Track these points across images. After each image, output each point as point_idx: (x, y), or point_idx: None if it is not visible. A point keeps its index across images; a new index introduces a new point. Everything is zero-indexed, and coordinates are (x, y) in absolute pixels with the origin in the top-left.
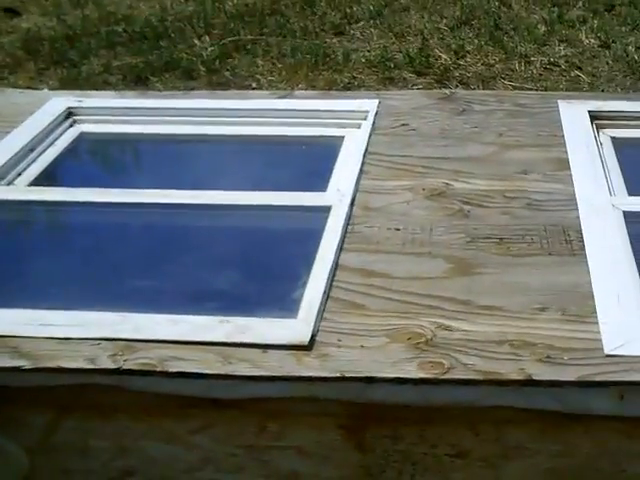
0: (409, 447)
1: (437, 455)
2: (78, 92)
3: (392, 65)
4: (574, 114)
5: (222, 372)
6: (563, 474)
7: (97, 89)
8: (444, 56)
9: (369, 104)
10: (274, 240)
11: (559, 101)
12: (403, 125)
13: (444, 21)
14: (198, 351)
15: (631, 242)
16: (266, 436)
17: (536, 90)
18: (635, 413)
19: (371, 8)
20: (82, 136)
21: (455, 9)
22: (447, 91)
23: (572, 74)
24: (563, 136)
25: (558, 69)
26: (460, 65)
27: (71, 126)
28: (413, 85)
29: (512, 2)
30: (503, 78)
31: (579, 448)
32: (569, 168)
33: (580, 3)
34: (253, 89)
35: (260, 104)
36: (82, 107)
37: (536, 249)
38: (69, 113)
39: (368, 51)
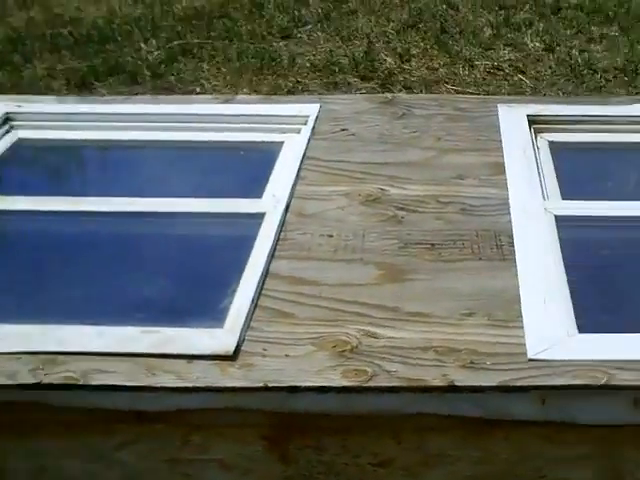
0: (333, 457)
1: (360, 465)
2: (17, 97)
3: (337, 69)
4: (513, 118)
5: (146, 384)
6: None
7: (40, 94)
8: (389, 60)
9: (310, 109)
10: (207, 248)
11: (499, 105)
12: (343, 130)
13: (391, 24)
14: (122, 363)
15: (561, 246)
16: (189, 449)
17: (478, 94)
18: (556, 418)
19: (319, 11)
20: (20, 142)
21: (403, 12)
22: (388, 95)
23: (515, 78)
24: (501, 140)
25: (502, 73)
26: (405, 69)
27: (8, 132)
28: (357, 90)
29: (460, 5)
30: (447, 82)
31: (499, 454)
32: (505, 173)
33: (527, 6)
34: (197, 94)
35: (201, 109)
36: (21, 112)
37: (467, 254)
38: (7, 118)
39: (314, 55)
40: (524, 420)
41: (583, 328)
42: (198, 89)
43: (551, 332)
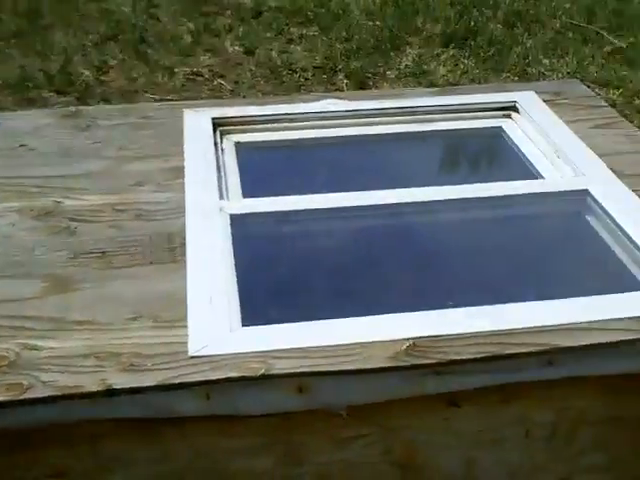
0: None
1: (37, 478)
2: None
3: (31, 85)
4: (198, 122)
5: None
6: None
7: None
8: (86, 73)
9: None
10: None
11: (185, 110)
12: (22, 146)
13: (90, 37)
14: None
15: (233, 244)
16: None
17: (178, 101)
18: (224, 411)
19: (13, 27)
20: None
21: (101, 25)
22: (73, 108)
23: (215, 83)
24: (183, 145)
25: (202, 79)
26: (103, 81)
27: None
28: (54, 104)
29: (160, 15)
30: (146, 91)
31: (177, 452)
32: (184, 176)
33: (228, 12)
34: None
35: None
36: None
37: (138, 259)
38: None
39: (6, 72)
40: (193, 416)
41: (247, 322)
42: None
43: (214, 328)
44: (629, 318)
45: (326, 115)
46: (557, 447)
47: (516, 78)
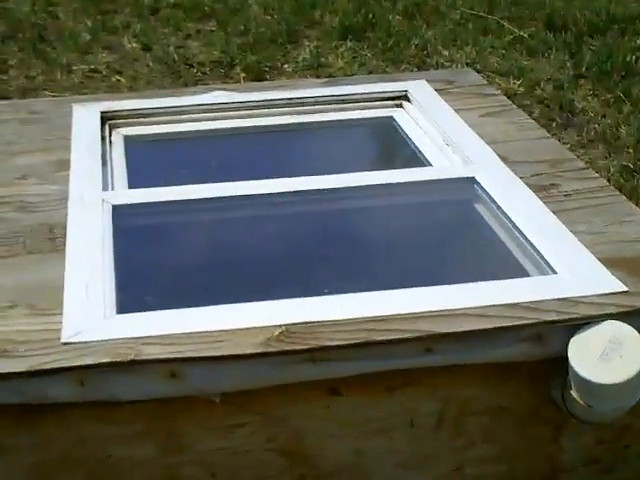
0: None
1: None
2: None
3: None
4: (85, 116)
5: None
6: (50, 467)
7: None
8: None
9: None
10: None
11: (73, 105)
12: None
13: None
14: None
15: (115, 233)
16: None
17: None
18: (99, 397)
19: None
20: None
21: (1, 24)
22: None
23: (113, 79)
24: (71, 139)
25: (99, 75)
26: (2, 80)
27: None
28: None
29: (59, 13)
30: (45, 89)
31: (56, 439)
32: (69, 169)
33: (127, 9)
34: None
35: None
36: None
37: (18, 250)
38: None
39: None
40: (70, 402)
41: (122, 309)
42: None
43: (88, 316)
44: (507, 305)
45: (214, 107)
46: (445, 437)
47: (415, 69)
